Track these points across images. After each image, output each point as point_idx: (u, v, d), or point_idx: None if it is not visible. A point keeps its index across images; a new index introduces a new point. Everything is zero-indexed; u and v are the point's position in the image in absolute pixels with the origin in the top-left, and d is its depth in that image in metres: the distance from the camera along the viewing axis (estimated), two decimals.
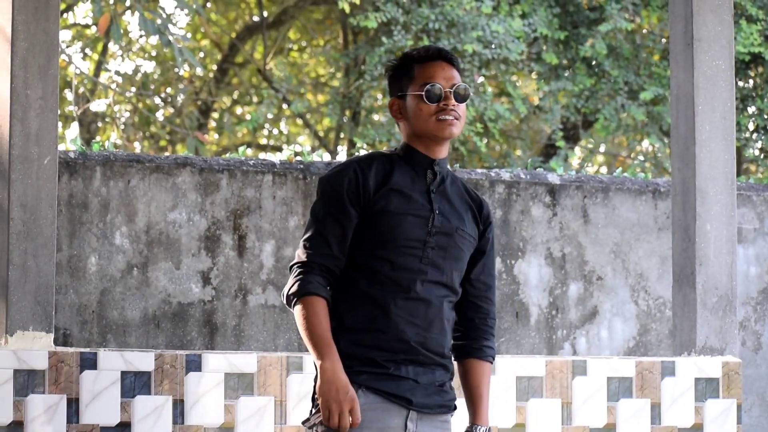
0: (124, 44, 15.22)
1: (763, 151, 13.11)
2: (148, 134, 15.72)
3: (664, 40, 12.92)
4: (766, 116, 12.59)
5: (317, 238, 3.69)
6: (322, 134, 15.56)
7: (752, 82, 12.86)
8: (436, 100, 3.72)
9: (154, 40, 14.81)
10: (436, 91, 3.72)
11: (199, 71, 15.53)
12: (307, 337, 3.63)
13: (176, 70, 15.02)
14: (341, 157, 14.06)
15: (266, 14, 15.14)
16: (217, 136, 16.08)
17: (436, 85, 3.72)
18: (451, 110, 3.71)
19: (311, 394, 3.71)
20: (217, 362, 5.26)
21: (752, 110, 12.75)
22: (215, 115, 16.14)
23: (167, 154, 11.21)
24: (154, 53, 15.67)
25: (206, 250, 7.07)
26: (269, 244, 7.17)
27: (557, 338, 7.69)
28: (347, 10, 11.92)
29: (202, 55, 15.93)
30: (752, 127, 12.83)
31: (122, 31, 13.46)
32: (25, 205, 5.16)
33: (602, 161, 16.49)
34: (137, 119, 15.29)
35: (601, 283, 7.79)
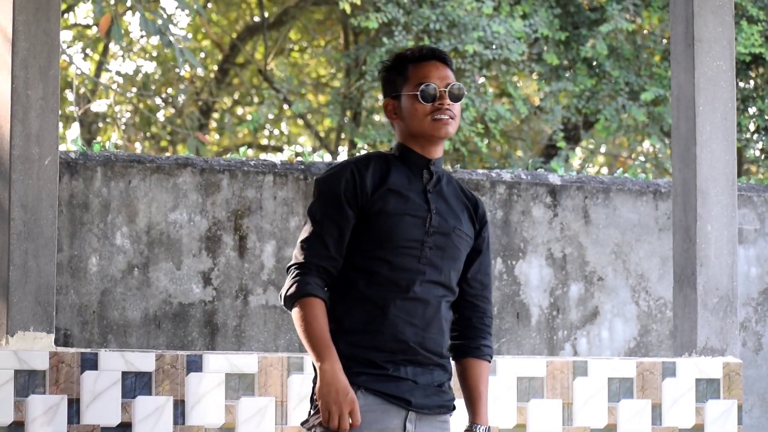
0: (124, 45, 15.22)
1: (763, 151, 13.11)
2: (148, 135, 15.72)
3: (664, 40, 12.92)
4: (766, 117, 12.58)
5: (314, 239, 3.68)
6: (322, 135, 15.55)
7: (753, 82, 12.85)
8: (431, 99, 3.71)
9: (155, 40, 14.81)
10: (430, 90, 3.71)
11: (199, 72, 15.53)
12: (305, 338, 3.62)
13: (177, 70, 15.02)
14: (342, 157, 14.05)
15: (267, 15, 15.14)
16: (218, 136, 16.07)
17: (430, 84, 3.72)
18: (446, 110, 3.71)
19: (310, 395, 3.71)
20: (217, 363, 5.26)
21: (753, 111, 12.74)
22: (216, 115, 16.14)
23: (168, 154, 11.20)
24: (154, 54, 15.67)
25: (207, 250, 7.07)
26: (270, 244, 7.17)
27: (558, 339, 7.69)
28: (348, 10, 11.91)
29: (202, 55, 15.93)
30: (753, 127, 12.82)
31: (123, 31, 13.45)
32: (25, 205, 5.16)
33: (603, 162, 16.49)
34: (138, 120, 15.29)
35: (601, 283, 7.79)
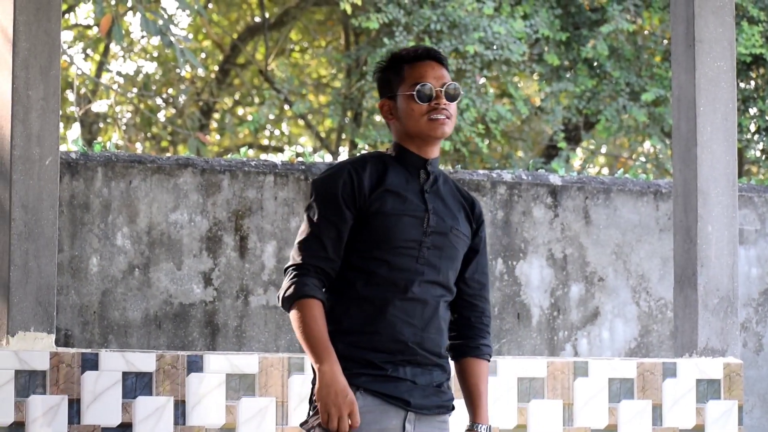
0: (125, 45, 15.22)
1: (764, 152, 13.11)
2: (149, 135, 15.72)
3: (665, 41, 12.92)
4: (767, 118, 12.58)
5: (312, 240, 3.68)
6: (323, 135, 15.55)
7: (753, 83, 12.85)
8: (427, 99, 3.71)
9: (155, 40, 14.81)
10: (426, 90, 3.71)
11: (200, 72, 15.54)
12: (303, 340, 3.61)
13: (178, 70, 15.02)
14: (343, 158, 14.05)
15: (268, 15, 15.14)
16: (218, 136, 16.08)
17: (426, 84, 3.71)
18: (442, 109, 3.71)
19: (309, 396, 3.71)
20: (218, 363, 5.26)
21: (753, 111, 12.74)
22: (217, 115, 16.14)
23: (169, 154, 11.21)
24: (155, 54, 15.68)
25: (208, 250, 7.07)
26: (271, 244, 7.18)
27: (558, 339, 7.69)
28: (349, 11, 11.91)
29: (203, 55, 15.93)
30: (753, 128, 12.83)
31: (124, 31, 13.45)
32: (26, 205, 5.16)
33: (604, 162, 16.49)
34: (139, 120, 15.29)
35: (602, 284, 7.79)
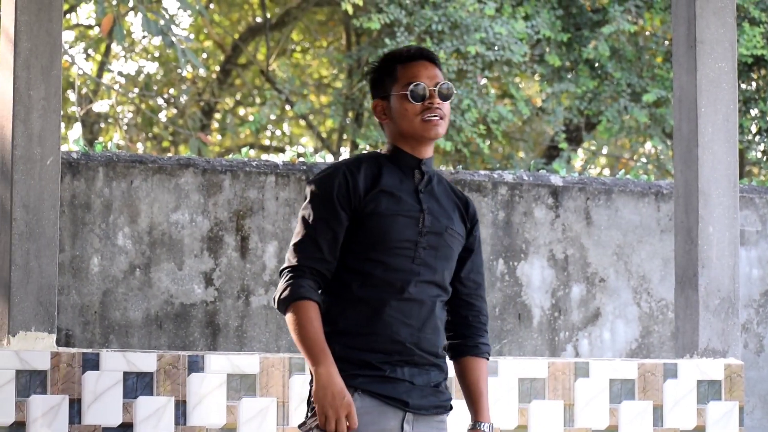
0: (127, 45, 15.22)
1: (765, 153, 13.11)
2: (150, 135, 15.72)
3: (666, 42, 12.91)
4: None
5: (308, 241, 3.67)
6: (324, 135, 15.55)
7: (755, 84, 12.85)
8: (420, 99, 3.71)
9: (157, 41, 14.81)
10: (420, 90, 3.71)
11: (202, 72, 15.54)
12: (300, 342, 3.61)
13: (179, 71, 15.02)
14: (344, 158, 14.04)
15: (269, 15, 15.14)
16: (219, 137, 16.07)
17: (420, 84, 3.71)
18: (436, 109, 3.71)
19: (307, 397, 3.71)
20: (219, 363, 5.26)
21: (755, 113, 12.74)
22: (218, 116, 16.14)
23: (170, 155, 11.20)
24: (157, 54, 15.68)
25: (209, 251, 7.07)
26: (272, 245, 7.18)
27: (559, 340, 7.69)
28: (350, 11, 11.91)
29: (205, 56, 15.93)
30: (755, 129, 12.82)
31: (125, 32, 13.45)
32: (27, 205, 5.16)
33: (605, 163, 16.49)
34: (140, 120, 15.29)
35: (603, 285, 7.79)
